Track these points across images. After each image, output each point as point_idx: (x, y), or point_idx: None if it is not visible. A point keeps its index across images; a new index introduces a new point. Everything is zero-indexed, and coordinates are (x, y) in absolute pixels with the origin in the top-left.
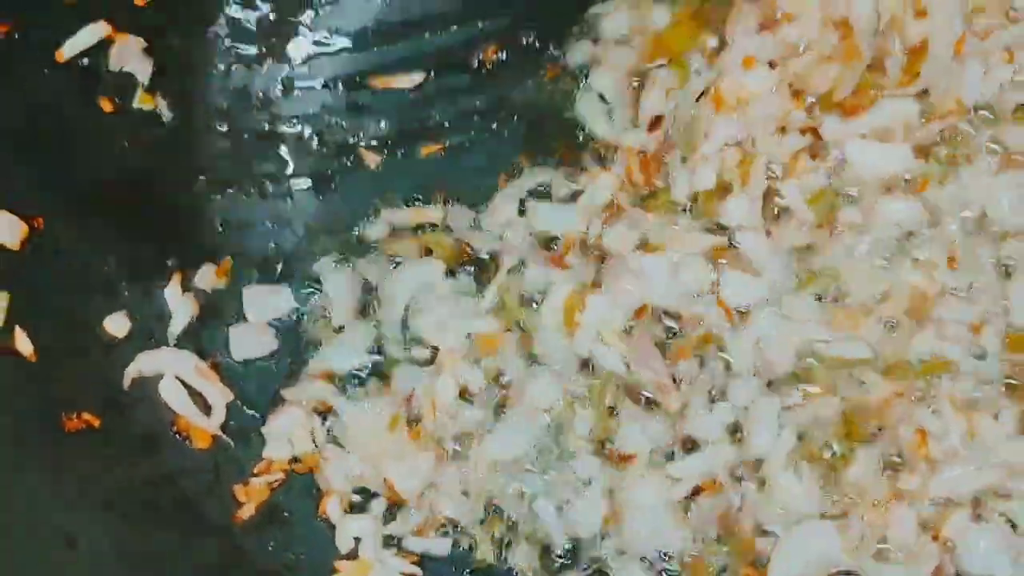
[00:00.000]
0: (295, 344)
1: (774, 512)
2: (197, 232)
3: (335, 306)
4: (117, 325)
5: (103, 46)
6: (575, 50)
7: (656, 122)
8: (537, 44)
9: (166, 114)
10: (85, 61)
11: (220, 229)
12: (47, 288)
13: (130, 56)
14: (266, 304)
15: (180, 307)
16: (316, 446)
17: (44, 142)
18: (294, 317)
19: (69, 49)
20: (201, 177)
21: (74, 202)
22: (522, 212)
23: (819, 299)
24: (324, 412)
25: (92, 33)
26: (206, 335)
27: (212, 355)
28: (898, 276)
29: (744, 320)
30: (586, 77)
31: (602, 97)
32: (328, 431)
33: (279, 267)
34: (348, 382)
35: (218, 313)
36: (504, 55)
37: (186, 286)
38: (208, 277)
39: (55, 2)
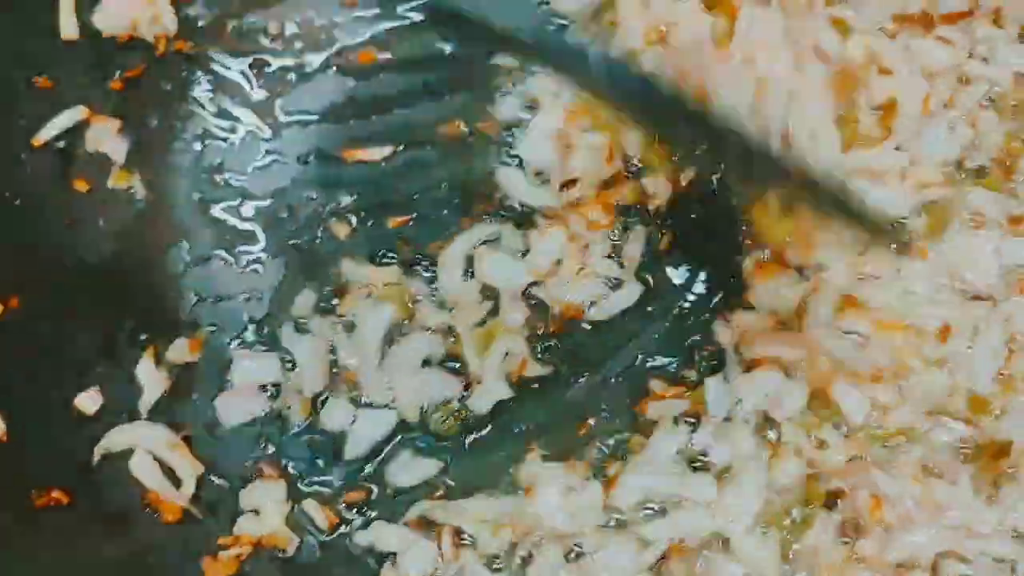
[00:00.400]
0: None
1: None
2: (171, 307)
3: (306, 374)
4: (89, 402)
5: (79, 128)
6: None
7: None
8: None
9: (141, 191)
10: (61, 144)
11: (194, 302)
12: (20, 366)
13: (106, 137)
14: (254, 369)
15: (152, 381)
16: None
17: (19, 223)
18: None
19: (46, 133)
20: (175, 251)
21: (49, 282)
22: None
23: None
24: None
25: (69, 117)
26: (178, 408)
27: (184, 428)
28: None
29: None
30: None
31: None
32: None
33: (252, 337)
34: None
35: (190, 385)
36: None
37: (159, 360)
38: (181, 350)
39: (32, 87)
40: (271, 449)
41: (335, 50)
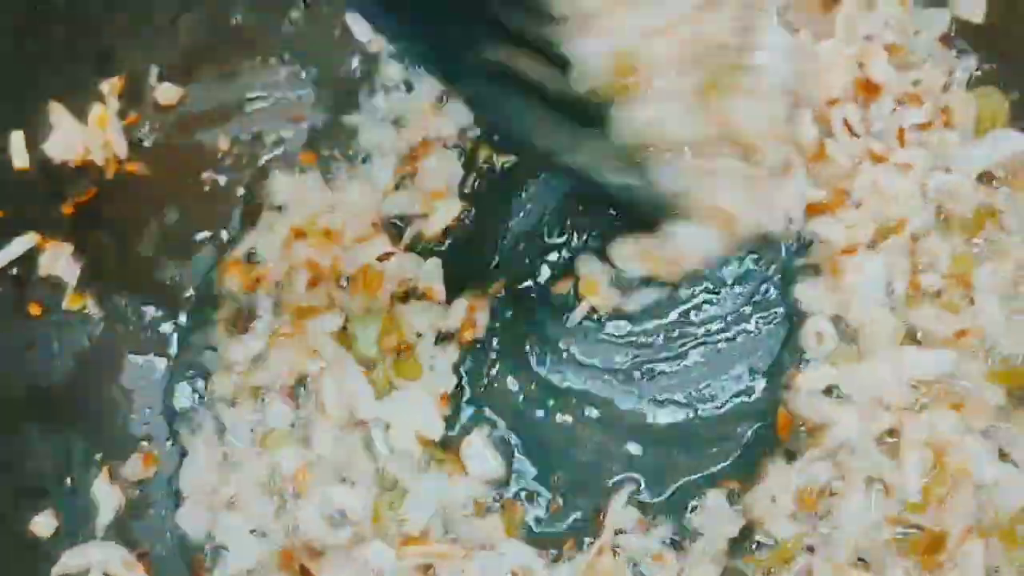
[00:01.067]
0: None
1: None
2: (125, 424)
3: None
4: (44, 525)
5: (31, 254)
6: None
7: None
8: None
9: (94, 312)
10: (14, 271)
11: (147, 420)
12: None
13: (58, 261)
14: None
15: (108, 500)
16: None
17: None
18: None
19: None
20: (131, 368)
21: (4, 409)
22: None
23: None
24: None
25: (22, 244)
26: (135, 525)
27: (141, 545)
28: None
29: None
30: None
31: None
32: None
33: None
34: None
35: (147, 502)
36: None
37: (114, 477)
38: (136, 467)
39: None
40: None
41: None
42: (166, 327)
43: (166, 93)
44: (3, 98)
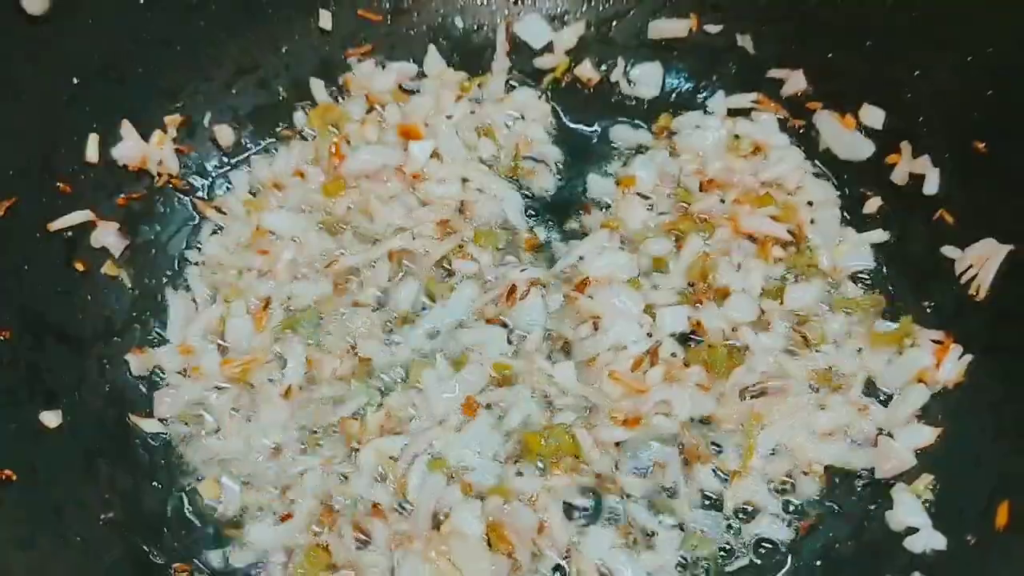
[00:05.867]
0: None
1: None
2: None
3: None
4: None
5: (86, 227)
6: None
7: None
8: None
9: (127, 284)
10: (69, 234)
11: None
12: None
13: (108, 237)
14: None
15: None
16: None
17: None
18: None
19: (59, 223)
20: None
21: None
22: None
23: None
24: None
25: (79, 216)
26: None
27: None
28: None
29: None
30: None
31: None
32: None
33: None
34: None
35: None
36: None
37: None
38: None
39: (56, 189)
40: None
41: None
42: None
43: (223, 134)
44: (90, 112)
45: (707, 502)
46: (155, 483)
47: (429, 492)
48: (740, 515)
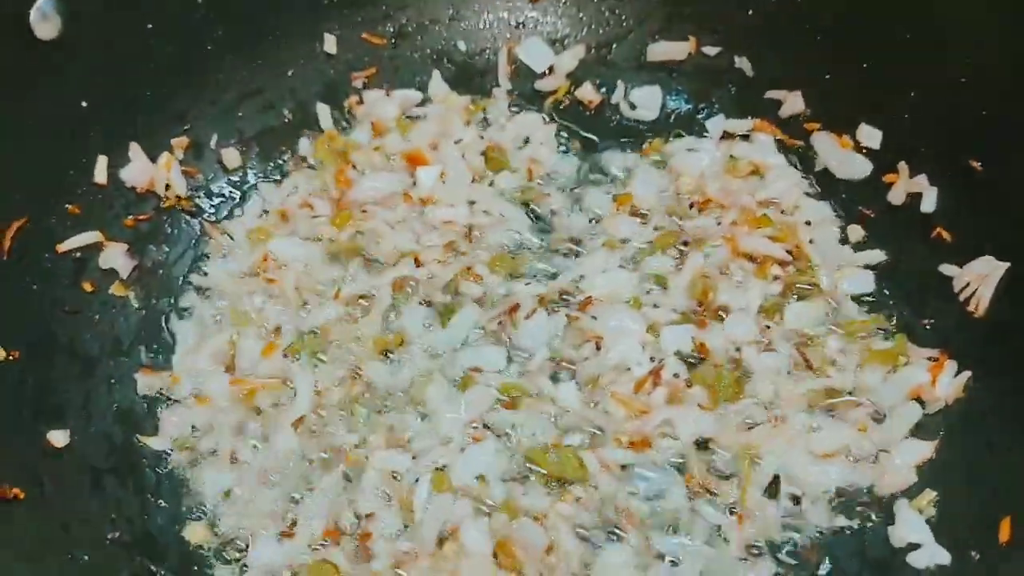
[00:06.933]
0: None
1: None
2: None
3: None
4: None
5: (94, 248)
6: None
7: None
8: None
9: (135, 303)
10: (78, 255)
11: None
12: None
13: (116, 259)
14: None
15: None
16: None
17: (35, 303)
18: None
19: (68, 244)
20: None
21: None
22: None
23: None
24: None
25: (87, 238)
26: None
27: None
28: None
29: None
30: None
31: None
32: None
33: None
34: None
35: None
36: None
37: None
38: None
39: (64, 210)
40: None
41: None
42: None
43: (229, 157)
44: (99, 134)
45: (717, 533)
46: (162, 502)
47: (436, 510)
48: (751, 550)
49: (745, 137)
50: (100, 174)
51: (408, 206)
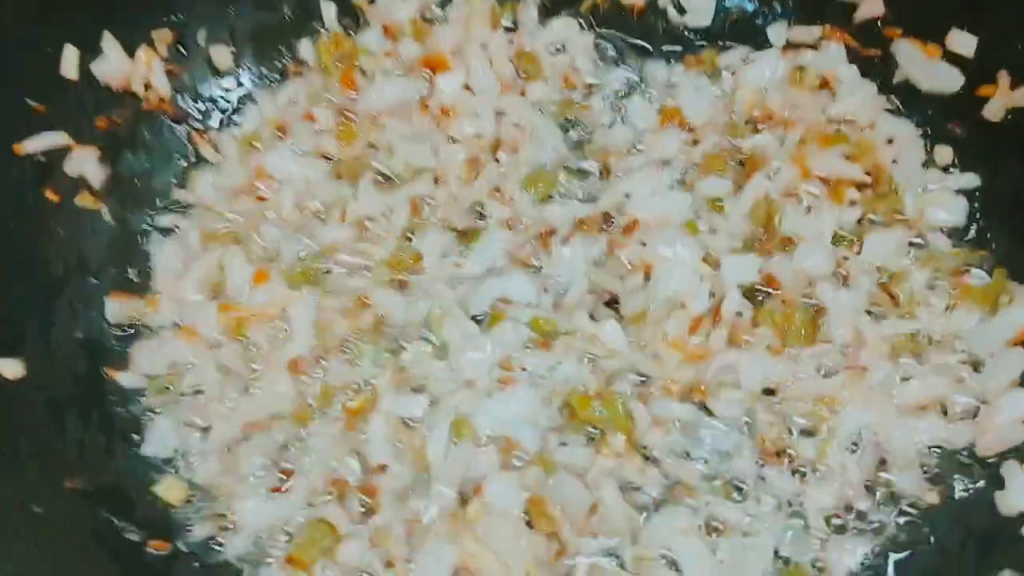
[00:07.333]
0: None
1: None
2: None
3: None
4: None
5: (60, 152)
6: None
7: None
8: None
9: (107, 218)
10: (41, 158)
11: None
12: None
13: (85, 164)
14: None
15: None
16: None
17: None
18: None
19: (30, 146)
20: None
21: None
22: None
23: None
24: None
25: (53, 139)
26: None
27: None
28: None
29: None
30: None
31: None
32: None
33: None
34: None
35: None
36: None
37: None
38: None
39: (26, 107)
40: None
41: None
42: None
43: (219, 56)
44: (68, 19)
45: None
46: (131, 448)
47: (455, 462)
48: (832, 522)
49: (812, 47)
50: (68, 66)
51: (425, 117)
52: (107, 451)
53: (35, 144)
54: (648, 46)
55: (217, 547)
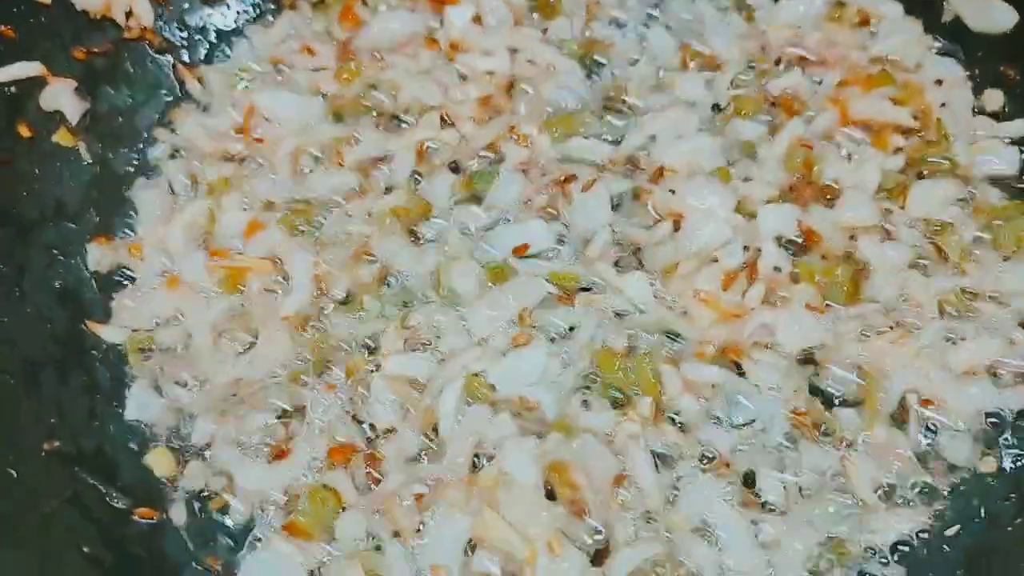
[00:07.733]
0: None
1: None
2: None
3: None
4: None
5: (34, 84)
6: None
7: None
8: None
9: (85, 156)
10: (12, 89)
11: None
12: None
13: (62, 97)
14: None
15: None
16: None
17: None
18: None
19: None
20: None
21: None
22: None
23: None
24: None
25: (25, 68)
26: None
27: None
28: None
29: None
30: None
31: None
32: None
33: None
34: None
35: None
36: None
37: None
38: None
39: None
40: None
41: None
42: None
43: None
44: None
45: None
46: (116, 407)
47: (468, 425)
48: (876, 497)
49: None
50: None
51: (433, 53)
52: (89, 412)
53: (5, 73)
54: None
55: (214, 516)
